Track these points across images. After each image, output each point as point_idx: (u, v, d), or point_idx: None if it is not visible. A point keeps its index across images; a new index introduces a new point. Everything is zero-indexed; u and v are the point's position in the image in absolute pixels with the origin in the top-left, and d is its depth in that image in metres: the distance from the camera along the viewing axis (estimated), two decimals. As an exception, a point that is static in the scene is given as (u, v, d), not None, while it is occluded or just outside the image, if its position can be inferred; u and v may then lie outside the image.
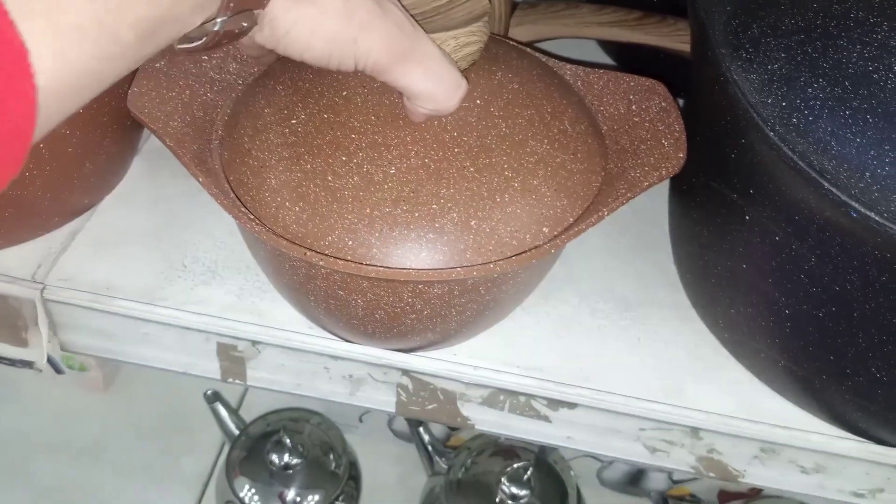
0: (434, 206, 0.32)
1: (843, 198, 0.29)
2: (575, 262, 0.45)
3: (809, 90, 0.32)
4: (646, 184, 0.34)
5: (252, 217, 0.33)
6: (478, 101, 0.34)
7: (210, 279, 0.42)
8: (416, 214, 0.32)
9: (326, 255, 0.31)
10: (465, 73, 0.33)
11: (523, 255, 0.32)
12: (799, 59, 0.33)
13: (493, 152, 0.33)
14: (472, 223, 0.32)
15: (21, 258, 0.42)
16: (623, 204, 0.33)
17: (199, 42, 0.25)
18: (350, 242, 0.32)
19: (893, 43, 0.32)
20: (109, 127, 0.42)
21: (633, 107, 0.38)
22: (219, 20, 0.25)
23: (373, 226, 0.32)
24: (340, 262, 0.31)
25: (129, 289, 0.41)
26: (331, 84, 0.35)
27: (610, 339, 0.42)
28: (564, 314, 0.43)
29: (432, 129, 0.33)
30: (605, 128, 0.39)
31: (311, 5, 0.27)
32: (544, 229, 0.33)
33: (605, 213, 0.33)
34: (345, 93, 0.35)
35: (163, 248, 0.44)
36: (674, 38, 0.51)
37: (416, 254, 0.32)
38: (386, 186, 0.32)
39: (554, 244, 0.32)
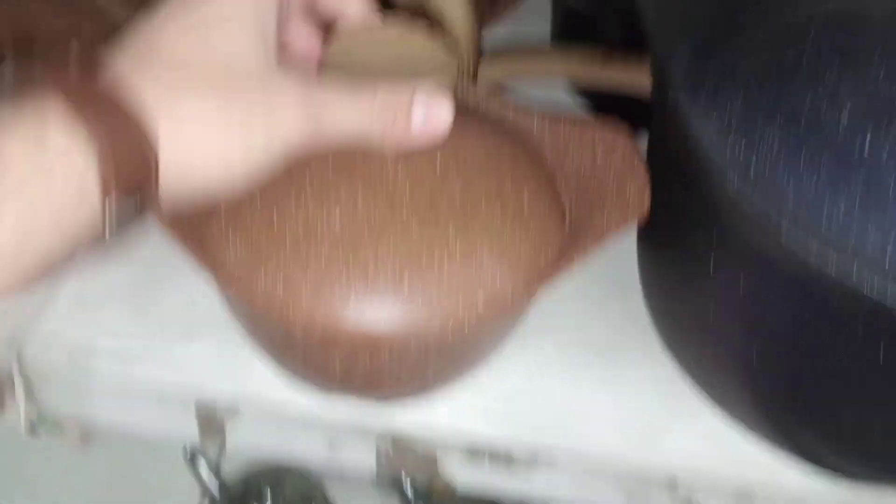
0: (370, 264, 0.32)
1: (804, 243, 0.30)
2: (547, 308, 0.45)
3: (766, 136, 0.33)
4: (612, 231, 0.35)
5: (234, 279, 0.33)
6: (438, 163, 0.35)
7: (188, 337, 0.43)
8: (351, 268, 0.32)
9: (304, 316, 0.32)
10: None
11: (496, 307, 0.33)
12: (756, 104, 0.35)
13: (442, 214, 0.33)
14: (406, 283, 0.32)
15: (-5, 322, 0.42)
16: (592, 252, 0.34)
17: (89, 242, 0.25)
18: (281, 292, 0.32)
19: (843, 88, 0.33)
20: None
21: (598, 158, 0.39)
22: (106, 209, 0.24)
23: (306, 273, 0.32)
24: (317, 324, 0.32)
25: (107, 350, 0.41)
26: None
27: (586, 386, 0.42)
28: (540, 362, 0.43)
29: (385, 183, 0.34)
30: (573, 180, 0.39)
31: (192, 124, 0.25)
32: (480, 299, 0.33)
33: (576, 259, 0.34)
34: None
35: (140, 305, 0.44)
36: (638, 77, 0.53)
37: (342, 312, 0.32)
38: (327, 238, 0.33)
39: (528, 293, 0.33)
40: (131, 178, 0.24)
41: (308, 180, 0.34)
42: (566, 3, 0.56)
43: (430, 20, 0.47)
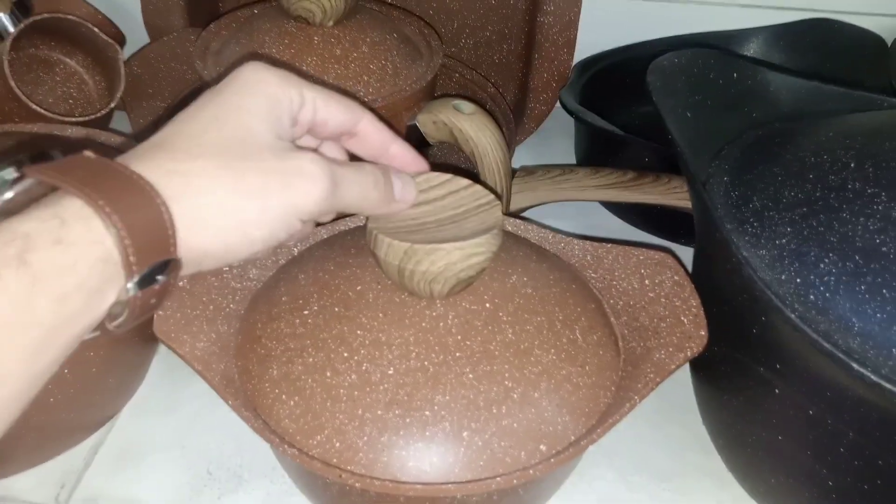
0: (427, 413, 0.32)
1: (875, 378, 0.29)
2: (606, 434, 0.44)
3: (822, 265, 0.33)
4: (672, 367, 0.34)
5: (284, 441, 0.32)
6: (487, 305, 0.34)
7: (236, 486, 0.41)
8: (408, 420, 0.32)
9: (361, 475, 0.31)
10: (477, 277, 0.34)
11: (559, 457, 0.32)
12: (806, 233, 0.34)
13: (496, 360, 0.33)
14: (465, 434, 0.32)
15: (42, 479, 0.42)
16: (653, 390, 0.33)
17: (124, 317, 0.25)
18: (338, 444, 0.32)
19: (895, 214, 0.33)
20: (131, 341, 0.42)
21: (647, 281, 0.39)
22: (130, 286, 0.24)
23: (362, 429, 0.32)
24: (377, 482, 0.31)
25: (153, 504, 0.40)
26: (348, 277, 0.36)
27: (651, 514, 0.41)
28: (601, 492, 0.42)
29: (437, 330, 0.34)
30: (621, 304, 0.39)
31: (207, 195, 0.26)
32: (541, 447, 0.32)
33: (637, 400, 0.33)
34: (359, 287, 0.36)
35: (186, 455, 0.43)
36: (669, 195, 0.53)
37: (402, 463, 0.31)
38: (381, 388, 0.32)
39: (590, 440, 0.32)
40: (151, 249, 0.24)
41: (359, 332, 0.34)
42: (592, 127, 0.57)
43: (463, 151, 0.48)
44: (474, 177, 0.37)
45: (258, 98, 0.29)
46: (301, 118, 0.30)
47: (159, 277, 0.25)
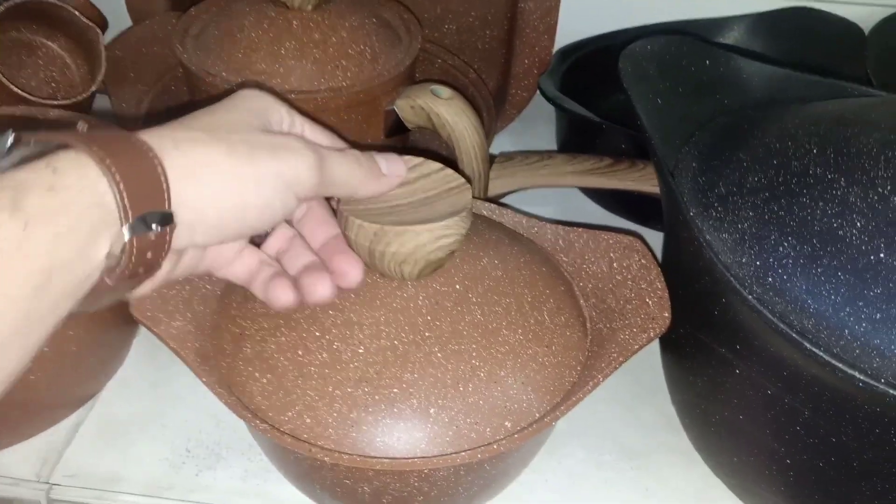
0: (395, 390, 0.33)
1: (827, 357, 0.30)
2: (577, 413, 0.45)
3: (780, 248, 0.34)
4: (636, 346, 0.35)
5: (256, 417, 0.33)
6: (457, 287, 0.35)
7: (214, 463, 0.42)
8: (377, 397, 0.33)
9: (330, 449, 0.32)
10: (447, 259, 0.35)
11: (527, 430, 0.33)
12: (766, 217, 0.35)
13: (464, 339, 0.34)
14: (432, 411, 0.33)
15: (26, 455, 0.42)
16: (616, 369, 0.34)
17: (121, 266, 0.25)
18: (308, 420, 0.33)
19: (852, 199, 0.34)
20: (112, 321, 0.43)
21: (615, 265, 0.40)
22: (124, 229, 0.25)
23: (332, 405, 0.33)
24: (345, 456, 0.32)
25: (134, 480, 0.41)
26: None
27: (618, 492, 0.42)
28: (571, 469, 0.43)
29: (407, 311, 0.34)
30: (591, 286, 0.40)
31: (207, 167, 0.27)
32: (506, 423, 0.33)
33: (601, 378, 0.34)
34: None
35: (166, 433, 0.44)
36: (643, 182, 0.54)
37: (370, 438, 0.32)
38: (352, 366, 0.33)
39: (553, 417, 0.33)
40: (145, 197, 0.25)
41: (331, 312, 0.35)
42: (571, 113, 0.57)
43: (440, 134, 0.49)
44: (448, 161, 0.38)
45: (249, 104, 0.31)
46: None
47: (154, 226, 0.25)
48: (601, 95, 0.70)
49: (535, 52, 0.64)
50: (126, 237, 0.25)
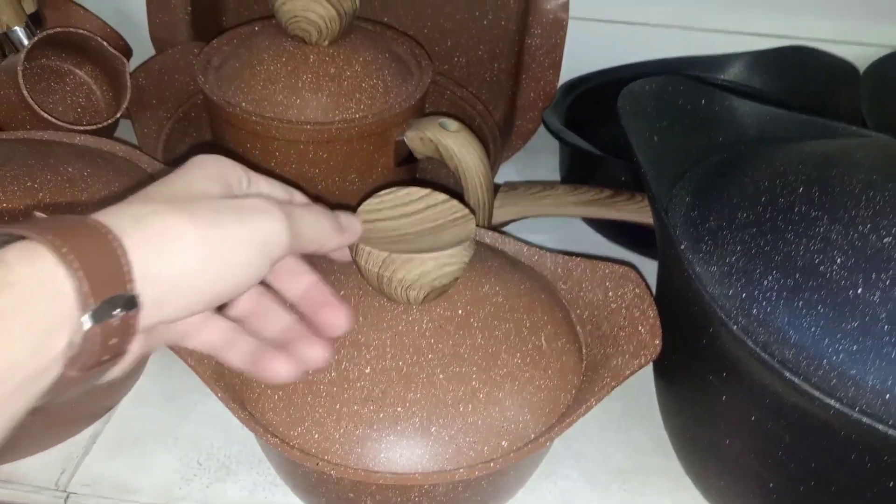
0: (399, 409, 0.35)
1: (805, 386, 0.32)
2: (572, 434, 0.47)
3: (765, 281, 0.36)
4: (628, 372, 0.37)
5: (268, 430, 0.35)
6: (460, 311, 0.37)
7: (224, 476, 0.44)
8: (381, 415, 0.35)
9: (336, 463, 0.34)
10: (451, 286, 0.37)
11: (522, 449, 0.35)
12: (753, 251, 0.37)
13: (465, 362, 0.36)
14: (433, 430, 0.34)
15: (45, 464, 0.44)
16: (608, 393, 0.36)
17: (85, 356, 0.24)
18: (316, 435, 0.35)
19: (834, 236, 0.36)
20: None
21: (610, 293, 0.42)
22: (85, 318, 0.23)
23: (339, 422, 0.35)
24: (350, 470, 0.34)
25: (148, 490, 0.43)
26: (333, 283, 0.39)
27: (612, 512, 0.43)
28: (566, 490, 0.44)
29: (411, 334, 0.36)
30: (587, 313, 0.42)
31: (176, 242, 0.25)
32: (503, 443, 0.35)
33: (593, 402, 0.36)
34: (342, 292, 0.38)
35: (179, 445, 0.46)
36: (642, 213, 0.56)
37: (374, 454, 0.34)
38: (358, 385, 0.35)
39: (548, 437, 0.35)
40: (106, 282, 0.24)
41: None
42: (573, 146, 0.60)
43: (447, 165, 0.51)
44: (454, 194, 0.40)
45: (204, 170, 0.30)
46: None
47: (117, 312, 0.24)
48: (603, 127, 0.72)
49: (541, 85, 0.67)
50: (87, 326, 0.24)
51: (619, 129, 0.71)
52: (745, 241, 0.38)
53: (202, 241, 0.26)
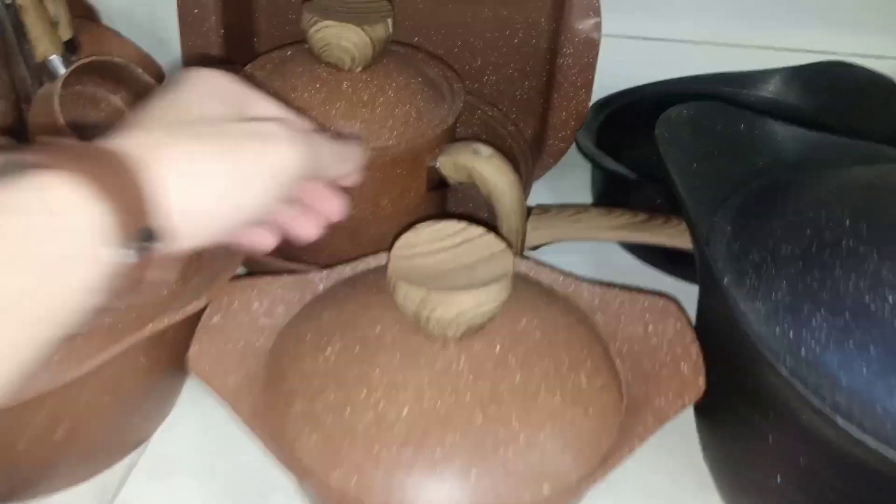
0: (438, 452, 0.34)
1: (859, 433, 0.31)
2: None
3: (813, 321, 0.35)
4: (671, 413, 0.36)
5: (307, 472, 0.35)
6: (497, 348, 0.37)
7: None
8: (420, 459, 0.34)
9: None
10: (488, 322, 0.37)
11: (565, 494, 0.34)
12: (800, 288, 0.36)
13: (504, 402, 0.35)
14: (473, 473, 0.34)
15: (82, 495, 0.45)
16: (652, 435, 0.35)
17: (106, 286, 0.24)
18: (355, 478, 0.34)
19: (884, 272, 0.35)
20: (163, 370, 0.45)
21: (650, 327, 0.41)
22: (105, 251, 0.24)
23: (378, 465, 0.34)
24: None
25: (184, 522, 0.43)
26: (369, 317, 0.39)
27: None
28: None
29: (449, 373, 0.36)
30: (626, 348, 0.41)
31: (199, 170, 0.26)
32: (545, 488, 0.34)
33: (637, 444, 0.35)
34: (378, 328, 0.38)
35: (216, 477, 0.46)
36: (677, 238, 0.55)
37: (413, 499, 0.34)
38: (396, 427, 0.35)
39: (590, 482, 0.34)
40: (135, 217, 0.24)
41: (377, 372, 0.36)
42: (606, 168, 0.59)
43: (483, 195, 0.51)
44: (488, 225, 0.40)
45: (209, 86, 0.30)
46: None
47: (137, 244, 0.25)
48: (634, 146, 0.71)
49: (573, 105, 0.66)
50: (107, 259, 0.24)
51: (650, 147, 0.71)
52: (790, 276, 0.37)
53: (225, 174, 0.26)
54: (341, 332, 0.38)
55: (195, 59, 0.67)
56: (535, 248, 0.58)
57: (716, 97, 0.73)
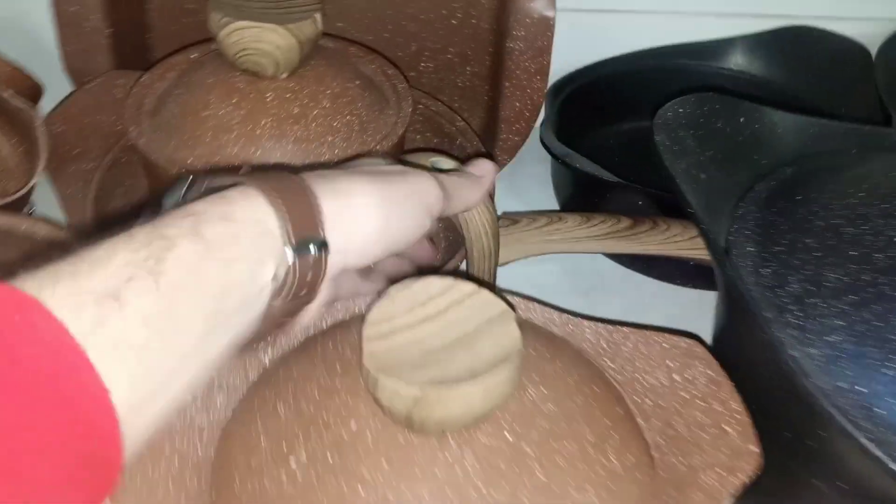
0: None
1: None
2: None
3: (885, 371, 0.29)
4: (725, 492, 0.30)
5: None
6: (508, 437, 0.29)
7: None
8: None
9: None
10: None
11: None
12: (861, 328, 0.30)
13: (525, 500, 0.28)
14: None
15: None
16: (704, 523, 0.29)
17: (287, 286, 0.27)
18: None
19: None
20: None
21: (676, 376, 0.35)
22: (288, 250, 0.27)
23: None
24: None
25: None
26: (338, 411, 0.31)
27: None
28: None
29: (454, 480, 0.28)
30: (650, 403, 0.35)
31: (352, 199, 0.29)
32: None
33: (686, 538, 0.29)
34: (353, 424, 0.30)
35: None
36: (669, 245, 0.49)
37: None
38: None
39: None
40: (304, 226, 0.27)
41: (360, 488, 0.28)
42: (577, 169, 0.52)
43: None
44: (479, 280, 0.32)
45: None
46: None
47: (312, 248, 0.28)
48: (594, 128, 0.65)
49: (527, 94, 0.59)
50: (290, 260, 0.27)
51: (612, 126, 0.65)
52: (845, 313, 0.31)
53: (377, 198, 0.30)
54: (305, 432, 0.30)
55: (79, 66, 0.56)
56: (504, 263, 0.51)
57: (676, 71, 0.68)
